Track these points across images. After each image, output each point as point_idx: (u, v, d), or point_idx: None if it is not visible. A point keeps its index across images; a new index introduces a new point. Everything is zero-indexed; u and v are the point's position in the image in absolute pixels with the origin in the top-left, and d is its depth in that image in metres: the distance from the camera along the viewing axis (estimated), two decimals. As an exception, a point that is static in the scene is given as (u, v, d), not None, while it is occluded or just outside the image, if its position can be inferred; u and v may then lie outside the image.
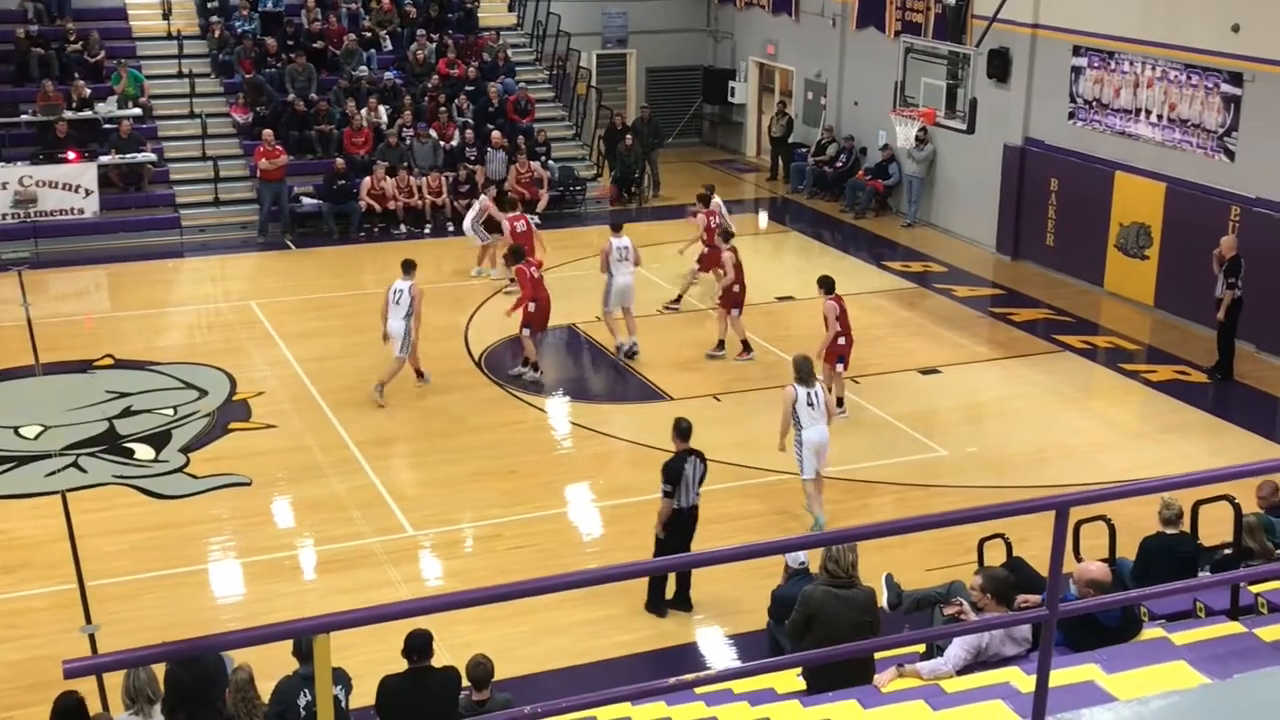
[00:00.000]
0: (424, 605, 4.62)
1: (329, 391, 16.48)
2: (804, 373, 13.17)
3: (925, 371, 17.58)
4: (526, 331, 16.85)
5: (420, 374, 16.66)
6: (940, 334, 18.98)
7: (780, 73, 28.97)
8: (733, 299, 17.55)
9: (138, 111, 24.07)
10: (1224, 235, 17.53)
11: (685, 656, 11.34)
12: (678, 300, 19.67)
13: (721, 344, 17.84)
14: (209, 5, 26.27)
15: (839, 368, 15.74)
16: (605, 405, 16.85)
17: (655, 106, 28.61)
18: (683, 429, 11.78)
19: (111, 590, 12.15)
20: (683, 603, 11.87)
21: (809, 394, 13.04)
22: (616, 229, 18.08)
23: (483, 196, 21.52)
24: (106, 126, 23.64)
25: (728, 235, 18.31)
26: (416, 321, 16.03)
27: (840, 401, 15.63)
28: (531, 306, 16.75)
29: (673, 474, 11.55)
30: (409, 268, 16.30)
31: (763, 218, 25.91)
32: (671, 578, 11.85)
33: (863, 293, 20.06)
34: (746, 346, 17.68)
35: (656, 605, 11.77)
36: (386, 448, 15.15)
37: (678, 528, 11.59)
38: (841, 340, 15.61)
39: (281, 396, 16.37)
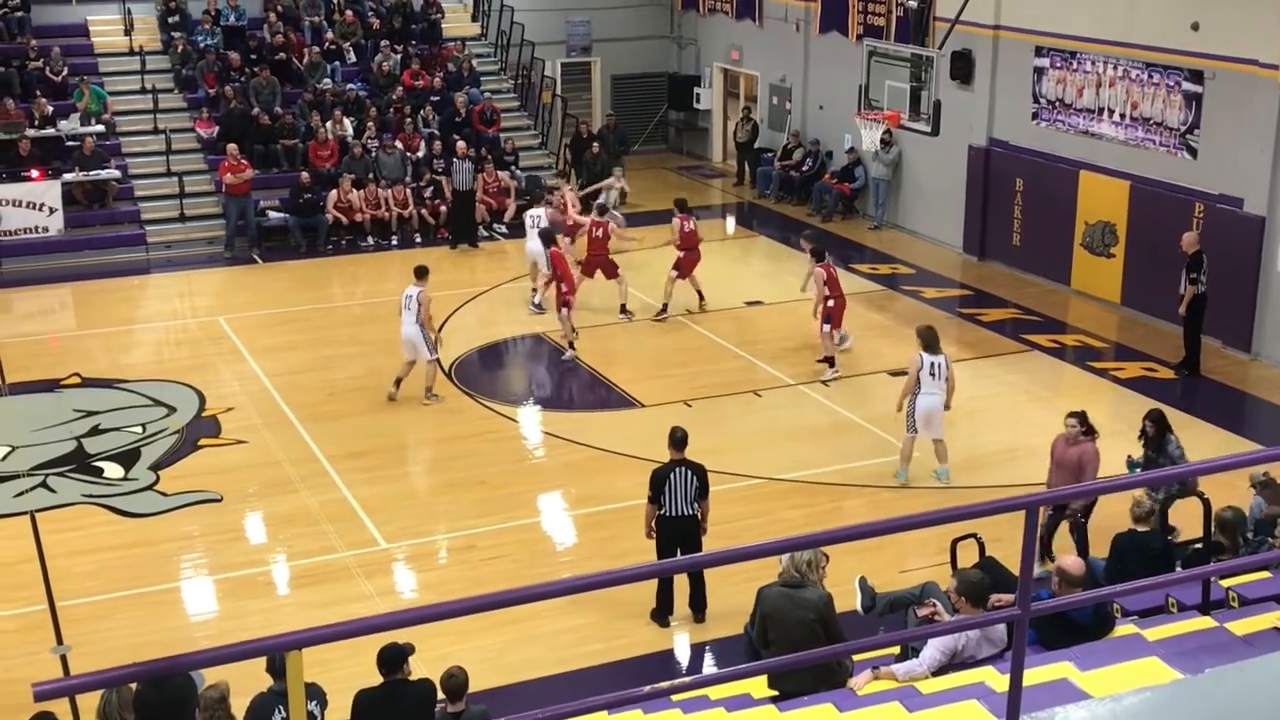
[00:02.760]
0: (394, 620, 4.60)
1: (299, 406, 16.41)
2: (928, 342, 13.92)
3: (895, 373, 17.54)
4: (565, 311, 17.86)
5: (399, 382, 16.59)
6: (909, 336, 18.85)
7: (745, 78, 29.03)
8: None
9: (101, 128, 23.94)
10: (1186, 233, 17.67)
11: (663, 664, 11.33)
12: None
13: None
14: (170, 21, 26.15)
15: (825, 328, 17.09)
16: (576, 413, 16.84)
17: (620, 114, 28.63)
18: (675, 438, 11.75)
19: (83, 611, 12.06)
20: (696, 609, 11.82)
21: (933, 363, 13.83)
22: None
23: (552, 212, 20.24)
24: (70, 144, 23.50)
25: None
26: (428, 325, 16.35)
27: (831, 362, 17.26)
28: (563, 286, 17.75)
29: (655, 481, 11.56)
30: (422, 273, 16.59)
31: (730, 223, 25.95)
32: (684, 584, 11.83)
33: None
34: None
35: (660, 615, 11.76)
36: (358, 461, 15.09)
37: (667, 536, 11.54)
38: (831, 303, 16.95)
39: (251, 411, 16.29)
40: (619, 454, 15.10)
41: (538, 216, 19.92)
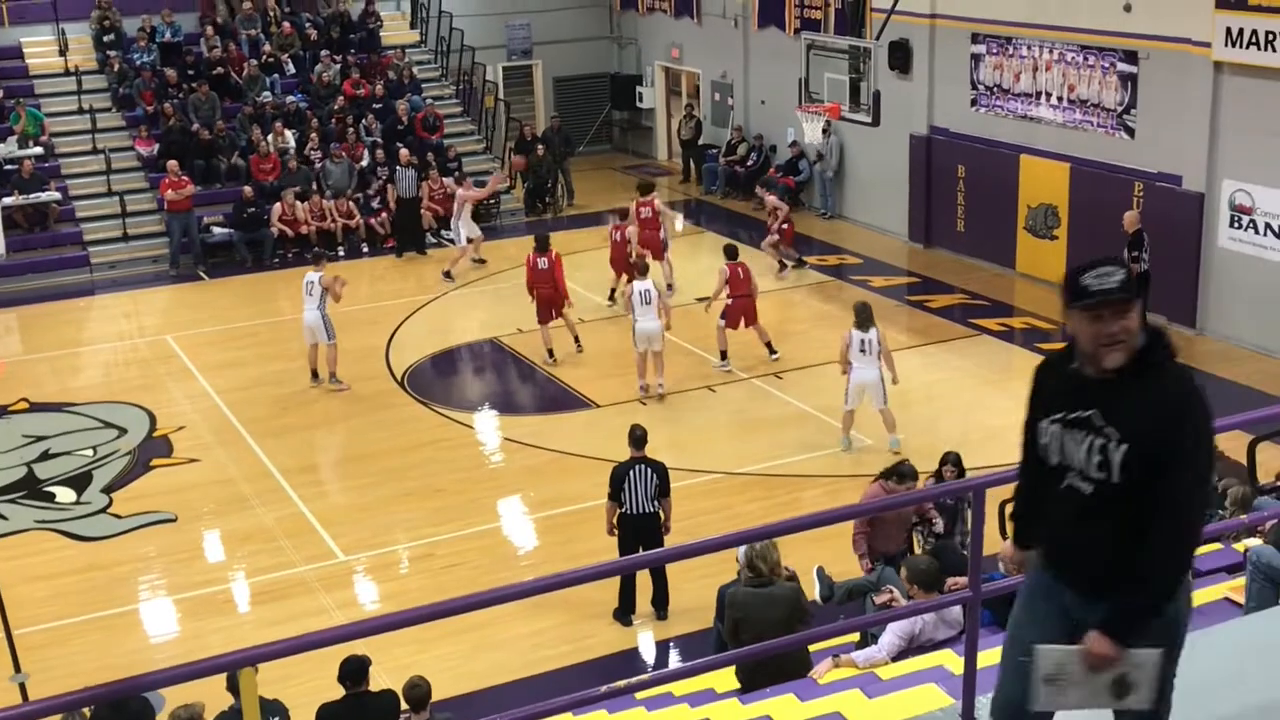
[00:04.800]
0: (348, 631, 4.60)
1: (251, 421, 16.31)
2: (860, 318, 14.47)
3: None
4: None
5: (315, 374, 17.18)
6: (859, 325, 19.11)
7: (686, 75, 29.09)
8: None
9: (39, 150, 23.67)
10: (1128, 212, 17.87)
11: (628, 662, 11.36)
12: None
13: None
14: (105, 39, 25.90)
15: (720, 322, 17.30)
16: (531, 417, 16.83)
17: (564, 115, 28.62)
18: (634, 437, 11.82)
19: (40, 637, 11.94)
20: (659, 606, 11.87)
21: (863, 339, 14.42)
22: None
23: (459, 190, 22.05)
24: (8, 167, 23.22)
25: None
26: (334, 302, 16.85)
27: (723, 355, 17.38)
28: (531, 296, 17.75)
29: (615, 479, 11.63)
30: (319, 258, 17.63)
31: (678, 220, 25.98)
32: (647, 582, 11.86)
33: (782, 288, 20.22)
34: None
35: (623, 613, 11.81)
36: (312, 474, 15.03)
37: (628, 533, 11.59)
38: (729, 301, 17.14)
39: (203, 429, 16.18)
40: (576, 455, 15.11)
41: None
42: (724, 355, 17.43)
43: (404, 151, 23.78)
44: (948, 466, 11.32)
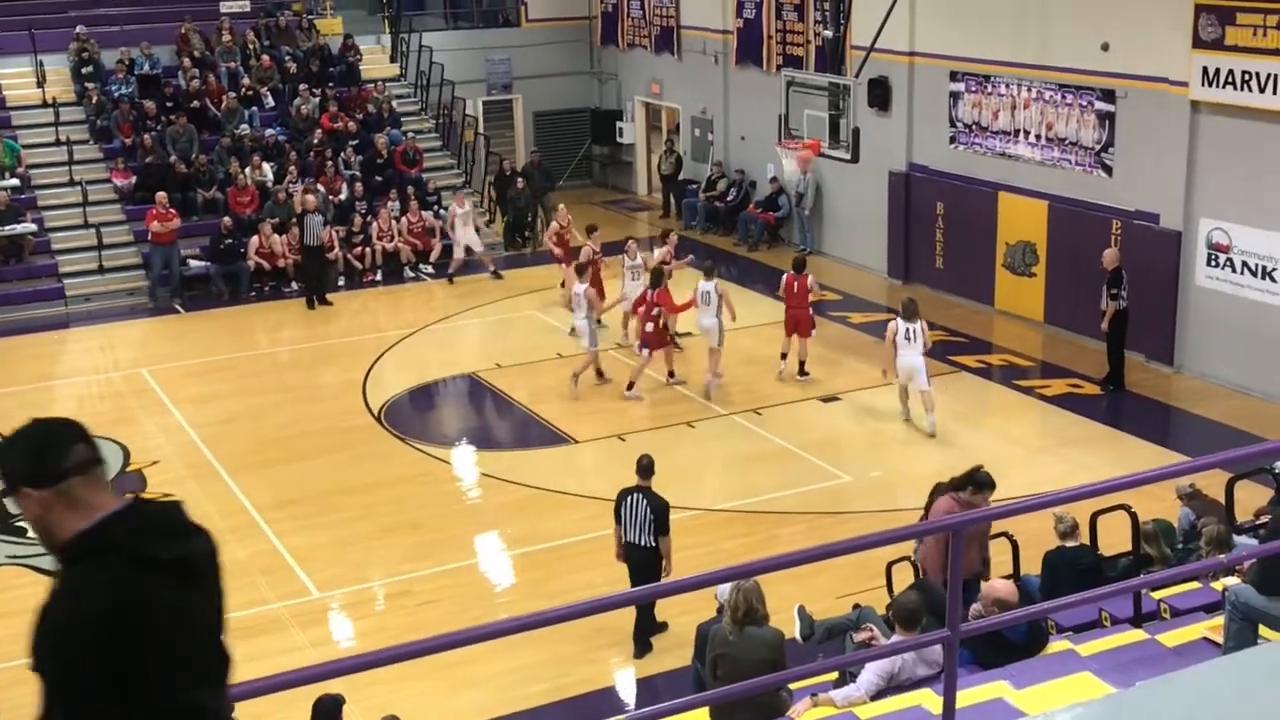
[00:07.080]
0: (323, 670, 4.52)
1: (226, 456, 16.19)
2: (906, 310, 16.15)
3: (826, 399, 17.72)
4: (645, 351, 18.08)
5: (600, 373, 18.07)
6: (838, 361, 19.14)
7: (666, 111, 29.18)
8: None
9: (15, 182, 23.57)
10: (1107, 249, 17.94)
11: (606, 700, 11.26)
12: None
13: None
14: (84, 71, 25.85)
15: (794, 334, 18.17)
16: (509, 452, 16.75)
17: (544, 150, 28.65)
18: (639, 465, 11.80)
19: (9, 675, 11.75)
20: (637, 643, 11.77)
21: (908, 328, 15.96)
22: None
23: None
24: (-17, 199, 23.14)
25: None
26: (596, 315, 18.08)
27: (801, 369, 18.22)
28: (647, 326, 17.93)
29: (616, 504, 11.68)
30: (582, 270, 18.22)
31: (657, 256, 25.95)
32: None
33: (760, 324, 20.18)
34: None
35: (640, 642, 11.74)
36: (287, 509, 14.89)
37: (628, 564, 11.62)
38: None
39: (177, 464, 16.05)
40: (554, 491, 15.03)
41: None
42: (801, 369, 18.11)
43: (310, 198, 22.81)
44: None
